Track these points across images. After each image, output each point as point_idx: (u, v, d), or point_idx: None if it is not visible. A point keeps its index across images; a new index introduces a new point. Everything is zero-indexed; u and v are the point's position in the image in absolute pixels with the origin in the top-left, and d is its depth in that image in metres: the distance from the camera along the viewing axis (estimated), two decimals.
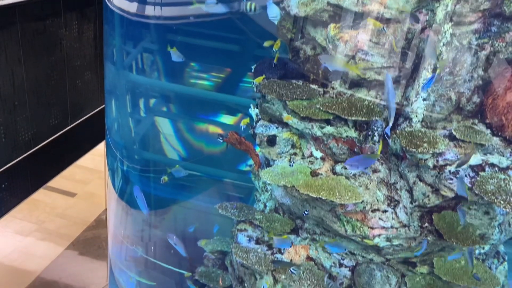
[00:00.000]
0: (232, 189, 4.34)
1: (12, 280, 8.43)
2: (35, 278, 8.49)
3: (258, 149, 3.65)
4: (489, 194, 2.73)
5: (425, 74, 2.88)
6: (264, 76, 3.40)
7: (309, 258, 3.51)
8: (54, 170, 7.30)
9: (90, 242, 9.45)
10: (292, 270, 3.47)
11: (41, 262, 8.84)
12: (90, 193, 10.87)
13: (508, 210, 2.68)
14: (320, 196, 3.02)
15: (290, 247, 3.48)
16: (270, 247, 3.67)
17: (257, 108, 3.60)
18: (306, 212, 3.25)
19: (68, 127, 7.26)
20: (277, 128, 3.46)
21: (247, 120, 3.66)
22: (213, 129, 4.30)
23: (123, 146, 4.69)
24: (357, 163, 2.91)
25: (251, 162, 3.81)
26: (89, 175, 11.22)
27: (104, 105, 4.94)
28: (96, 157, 9.06)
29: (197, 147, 4.39)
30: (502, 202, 2.70)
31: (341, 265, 3.41)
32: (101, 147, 7.59)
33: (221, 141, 3.79)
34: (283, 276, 3.41)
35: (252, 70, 3.60)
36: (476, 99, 2.91)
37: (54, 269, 8.72)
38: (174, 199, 4.65)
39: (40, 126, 6.71)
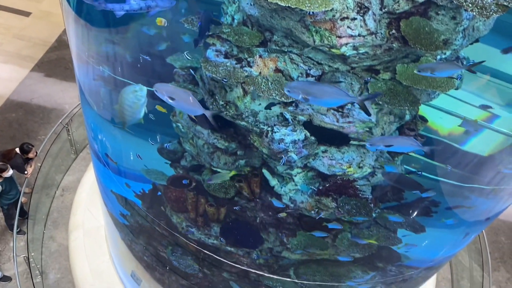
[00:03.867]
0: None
1: None
2: (5, 101, 8.52)
3: None
4: None
5: None
6: None
7: (277, 70, 3.59)
8: None
9: (55, 63, 9.25)
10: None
11: (8, 85, 8.76)
12: (46, 11, 10.15)
13: (475, 13, 2.69)
14: (289, 5, 2.92)
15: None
16: (239, 60, 3.69)
17: None
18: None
19: None
20: None
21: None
22: None
23: None
24: None
25: None
26: None
27: None
28: None
29: None
30: (470, 5, 2.69)
31: (308, 75, 3.52)
32: None
33: None
34: (252, 88, 3.53)
35: None
36: None
37: (23, 91, 8.70)
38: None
39: None
